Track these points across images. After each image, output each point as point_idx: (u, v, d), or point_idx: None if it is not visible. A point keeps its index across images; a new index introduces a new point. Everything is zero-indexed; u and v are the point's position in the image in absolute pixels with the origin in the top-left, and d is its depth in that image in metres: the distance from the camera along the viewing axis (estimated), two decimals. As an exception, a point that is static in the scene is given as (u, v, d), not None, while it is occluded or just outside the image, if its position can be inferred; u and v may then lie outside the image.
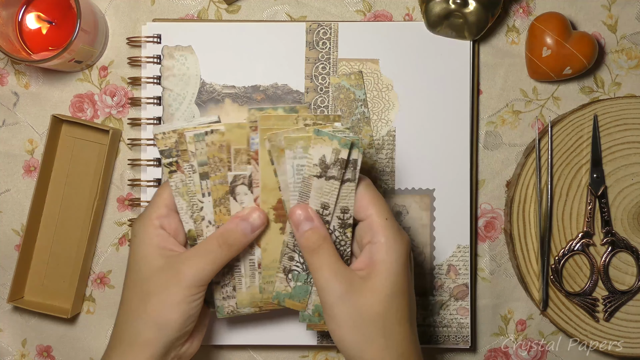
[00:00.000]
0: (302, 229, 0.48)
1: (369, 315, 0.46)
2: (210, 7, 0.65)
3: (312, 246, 0.47)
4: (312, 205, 0.48)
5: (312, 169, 0.47)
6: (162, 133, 0.49)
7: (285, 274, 0.51)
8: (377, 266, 0.47)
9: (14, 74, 0.65)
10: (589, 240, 0.63)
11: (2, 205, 0.65)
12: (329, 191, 0.48)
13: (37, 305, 0.64)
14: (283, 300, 0.51)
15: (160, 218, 0.50)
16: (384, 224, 0.47)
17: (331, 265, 0.47)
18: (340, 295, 0.46)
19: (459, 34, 0.62)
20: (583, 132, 0.63)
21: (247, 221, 0.49)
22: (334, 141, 0.46)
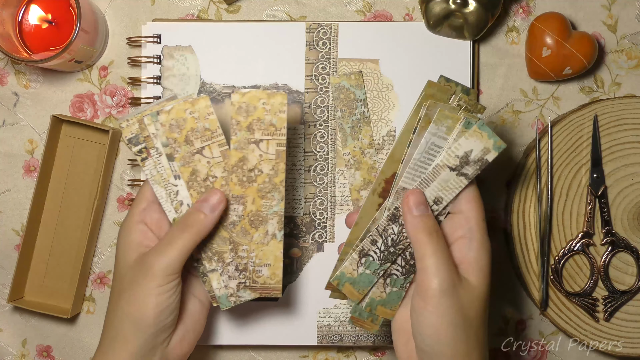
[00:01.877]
0: (419, 212, 0.47)
1: (470, 313, 0.46)
2: (210, 7, 0.65)
3: (429, 229, 0.47)
4: (428, 195, 0.47)
5: (452, 159, 0.46)
6: (126, 120, 0.49)
7: (360, 256, 0.49)
8: (473, 264, 0.47)
9: (14, 74, 0.65)
10: (589, 240, 0.63)
11: (2, 205, 0.66)
12: (452, 187, 0.47)
13: (37, 305, 0.64)
14: (343, 284, 0.49)
15: (140, 213, 0.51)
16: (482, 224, 0.47)
17: (445, 253, 0.46)
18: (448, 287, 0.45)
19: (459, 34, 0.62)
20: (583, 132, 0.63)
21: (207, 202, 0.49)
22: (491, 140, 0.45)
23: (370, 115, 0.62)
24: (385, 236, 0.48)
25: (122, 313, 0.49)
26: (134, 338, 0.48)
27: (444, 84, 0.46)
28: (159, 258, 0.48)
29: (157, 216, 0.51)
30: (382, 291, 0.50)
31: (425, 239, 0.46)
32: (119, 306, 0.49)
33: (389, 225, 0.48)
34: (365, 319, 0.50)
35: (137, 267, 0.49)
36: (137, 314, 0.48)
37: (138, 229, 0.51)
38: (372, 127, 0.62)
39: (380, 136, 0.62)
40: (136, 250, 0.50)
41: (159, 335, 0.49)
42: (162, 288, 0.48)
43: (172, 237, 0.49)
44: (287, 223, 0.62)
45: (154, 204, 0.51)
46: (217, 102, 0.63)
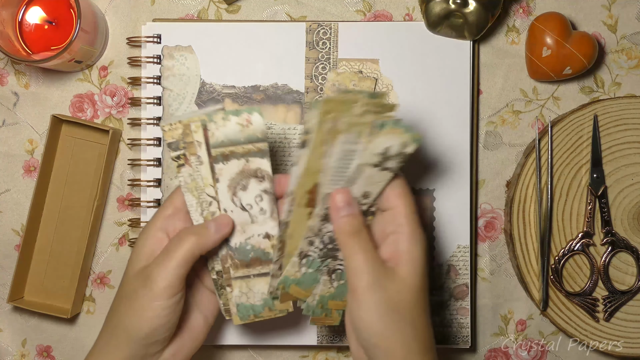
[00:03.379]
0: (344, 212, 0.48)
1: (401, 304, 0.46)
2: (210, 7, 0.65)
3: (351, 230, 0.47)
4: (355, 191, 0.48)
5: (372, 157, 0.46)
6: (170, 124, 0.48)
7: (300, 258, 0.50)
8: (403, 256, 0.47)
9: (14, 74, 0.65)
10: (589, 240, 0.63)
11: (2, 205, 0.66)
12: (377, 181, 0.47)
13: (37, 305, 0.64)
14: (289, 286, 0.50)
15: (165, 219, 0.50)
16: (411, 217, 0.48)
17: (367, 251, 0.47)
18: (374, 282, 0.46)
19: (459, 34, 0.62)
20: (583, 132, 0.63)
21: (214, 221, 0.49)
22: (408, 134, 0.46)
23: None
24: (321, 235, 0.49)
25: (118, 320, 0.49)
26: (126, 346, 0.48)
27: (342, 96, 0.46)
28: (160, 270, 0.47)
29: (180, 226, 0.50)
30: (329, 287, 0.51)
31: (349, 240, 0.47)
32: (118, 312, 0.49)
33: (323, 225, 0.49)
34: (320, 315, 0.52)
35: (139, 277, 0.48)
36: (130, 325, 0.48)
37: (157, 236, 0.50)
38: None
39: (380, 136, 0.62)
40: (146, 258, 0.49)
41: (152, 347, 0.49)
42: (161, 303, 0.47)
43: (171, 249, 0.48)
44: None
45: (180, 212, 0.50)
46: (217, 102, 0.63)
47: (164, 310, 0.47)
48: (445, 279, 0.63)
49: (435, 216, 0.63)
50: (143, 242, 0.50)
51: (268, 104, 0.63)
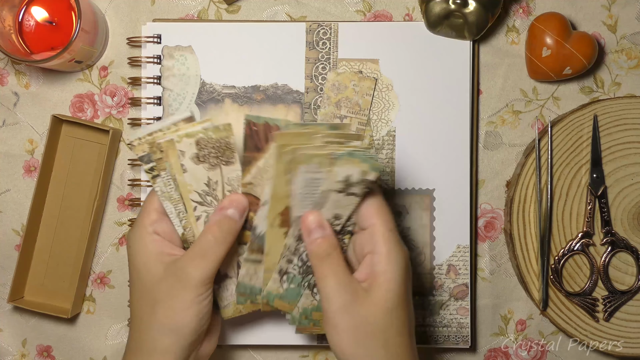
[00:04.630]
0: (314, 236, 0.48)
1: (371, 327, 0.46)
2: (210, 7, 0.65)
3: (322, 254, 0.47)
4: (326, 214, 0.48)
5: (335, 184, 0.46)
6: (138, 139, 0.49)
7: (280, 275, 0.51)
8: (378, 277, 0.46)
9: (14, 74, 0.65)
10: (589, 240, 0.63)
11: (2, 205, 0.66)
12: (346, 204, 0.47)
13: (37, 305, 0.64)
14: (272, 300, 0.51)
15: (152, 224, 0.50)
16: (387, 235, 0.47)
17: (338, 274, 0.47)
18: (344, 306, 0.46)
19: (459, 34, 0.62)
20: (583, 132, 0.63)
21: (232, 207, 0.49)
22: (366, 164, 0.46)
23: (370, 115, 0.62)
24: (298, 254, 0.50)
25: (160, 325, 0.48)
26: (175, 348, 0.48)
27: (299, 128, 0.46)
28: (197, 270, 0.48)
29: (168, 228, 0.50)
30: (312, 300, 0.51)
31: (320, 263, 0.47)
32: (156, 319, 0.48)
33: (299, 245, 0.50)
34: (307, 325, 0.52)
35: (171, 278, 0.48)
36: (177, 325, 0.48)
37: (154, 239, 0.50)
38: (372, 127, 0.62)
39: (380, 136, 0.62)
40: (159, 260, 0.49)
41: (197, 341, 0.50)
42: (200, 297, 0.48)
43: (208, 248, 0.48)
44: (287, 223, 0.62)
45: (164, 216, 0.50)
46: (217, 102, 0.63)
47: (203, 301, 0.48)
48: (445, 279, 0.63)
49: (435, 216, 0.63)
50: (143, 247, 0.50)
51: (268, 104, 0.63)
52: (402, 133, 0.63)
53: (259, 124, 0.48)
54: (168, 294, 0.48)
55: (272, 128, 0.48)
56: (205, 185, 0.50)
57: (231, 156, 0.50)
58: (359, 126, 0.59)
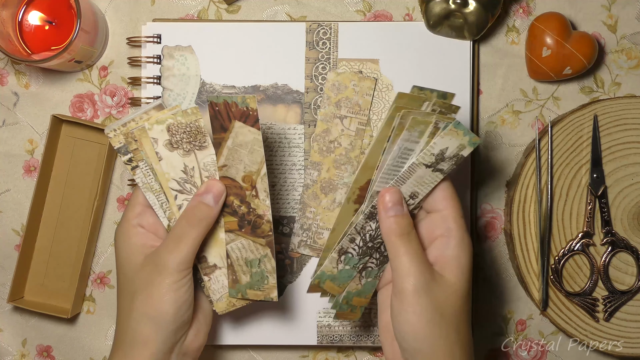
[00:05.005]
0: (392, 212, 0.47)
1: (448, 310, 0.46)
2: (210, 7, 0.65)
3: (402, 231, 0.47)
4: (404, 191, 0.48)
5: (427, 157, 0.46)
6: (113, 130, 0.49)
7: (339, 255, 0.50)
8: (451, 262, 0.47)
9: (14, 74, 0.65)
10: (589, 240, 0.63)
11: (2, 205, 0.66)
12: (428, 182, 0.47)
13: (37, 305, 0.64)
14: (324, 282, 0.50)
15: (136, 217, 0.51)
16: (460, 222, 0.47)
17: (418, 253, 0.47)
18: (423, 286, 0.46)
19: (459, 34, 0.62)
20: (583, 132, 0.63)
21: (209, 193, 0.49)
22: (467, 137, 0.46)
23: (370, 115, 0.62)
24: (363, 233, 0.49)
25: (139, 314, 0.49)
26: (154, 338, 0.48)
27: (417, 92, 0.47)
28: (172, 255, 0.48)
29: (153, 220, 0.51)
30: (357, 284, 0.51)
31: (398, 240, 0.47)
32: (134, 308, 0.49)
33: (366, 223, 0.49)
34: (345, 311, 0.52)
35: (148, 267, 0.49)
36: (155, 312, 0.48)
37: (137, 232, 0.51)
38: (372, 127, 0.62)
39: (380, 136, 0.62)
40: (141, 252, 0.50)
41: (178, 332, 0.50)
42: (178, 284, 0.48)
43: (182, 233, 0.49)
44: (287, 223, 0.62)
45: (148, 208, 0.51)
46: (217, 102, 0.63)
47: (182, 288, 0.48)
48: (445, 279, 0.63)
49: (435, 216, 0.63)
50: (127, 240, 0.51)
51: (268, 104, 0.63)
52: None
53: (219, 103, 0.48)
54: (145, 282, 0.49)
55: (231, 105, 0.48)
56: (182, 173, 0.50)
57: (203, 140, 0.50)
58: (359, 126, 0.59)
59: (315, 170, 0.60)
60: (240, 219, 0.50)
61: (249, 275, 0.51)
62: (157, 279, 0.48)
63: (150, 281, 0.48)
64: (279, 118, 0.62)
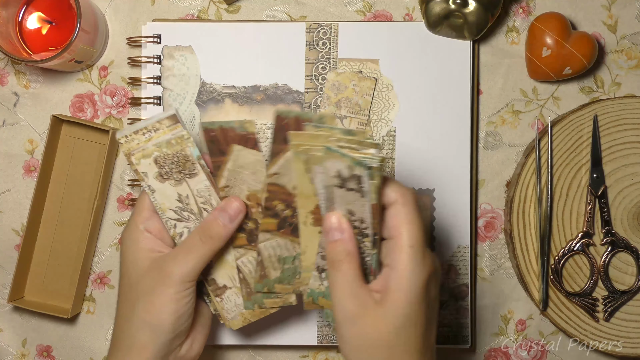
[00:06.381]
0: (331, 238, 0.47)
1: (376, 342, 0.45)
2: (210, 7, 0.65)
3: (334, 258, 0.46)
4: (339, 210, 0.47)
5: (331, 179, 0.46)
6: (125, 137, 0.49)
7: (319, 272, 0.50)
8: (390, 294, 0.45)
9: (14, 74, 0.65)
10: (589, 240, 0.63)
11: (2, 205, 0.66)
12: (351, 200, 0.47)
13: (37, 305, 0.64)
14: (317, 299, 0.51)
15: (144, 222, 0.50)
16: (408, 251, 0.45)
17: (348, 283, 0.46)
18: (351, 317, 0.45)
19: (459, 34, 0.62)
20: (583, 132, 0.63)
21: (225, 212, 0.49)
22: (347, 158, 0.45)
23: (370, 115, 0.62)
24: None
25: (139, 320, 0.48)
26: (151, 345, 0.48)
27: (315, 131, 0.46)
28: (179, 266, 0.48)
29: (160, 226, 0.51)
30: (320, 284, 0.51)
31: (331, 269, 0.46)
32: (135, 314, 0.49)
33: None
34: None
35: (153, 274, 0.49)
36: (155, 321, 0.48)
37: (145, 237, 0.50)
38: (372, 127, 0.62)
39: (380, 136, 0.62)
40: (148, 256, 0.50)
41: (175, 342, 0.50)
42: (180, 294, 0.48)
43: (192, 246, 0.49)
44: (287, 223, 0.62)
45: (155, 214, 0.51)
46: (217, 102, 0.63)
47: (183, 300, 0.48)
48: (445, 279, 0.63)
49: (435, 216, 0.63)
50: (134, 243, 0.50)
51: (268, 104, 0.63)
52: (402, 133, 0.63)
53: (215, 129, 0.48)
54: (149, 289, 0.48)
55: (228, 130, 0.48)
56: (177, 202, 0.50)
57: (193, 168, 0.50)
58: (359, 126, 0.59)
59: None
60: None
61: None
62: (160, 288, 0.48)
63: (154, 289, 0.48)
64: (279, 118, 0.62)
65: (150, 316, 0.48)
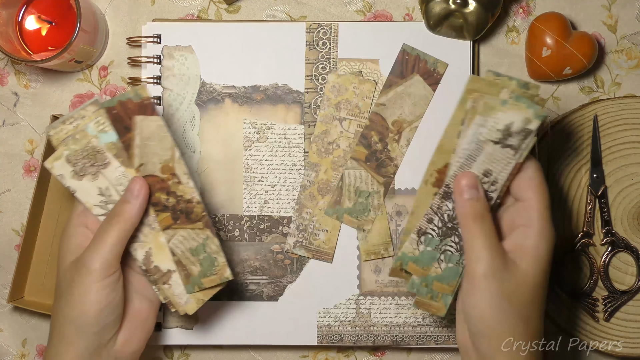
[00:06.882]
0: (467, 196, 0.47)
1: (517, 298, 0.45)
2: (210, 7, 0.65)
3: (476, 214, 0.47)
4: (475, 169, 0.47)
5: (494, 133, 0.46)
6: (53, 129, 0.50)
7: (418, 235, 0.49)
8: (529, 252, 0.46)
9: (14, 74, 0.65)
10: (589, 240, 0.63)
11: (2, 205, 0.66)
12: (500, 159, 0.47)
13: (37, 305, 0.64)
14: (406, 263, 0.50)
15: (79, 215, 0.51)
16: (543, 212, 0.47)
17: (491, 237, 0.46)
18: (495, 270, 0.45)
19: (459, 34, 0.62)
20: (583, 132, 0.63)
21: (129, 190, 0.49)
22: (530, 110, 0.45)
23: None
24: (440, 213, 0.49)
25: (63, 315, 0.49)
26: (77, 339, 0.48)
27: (493, 78, 0.46)
28: (93, 254, 0.48)
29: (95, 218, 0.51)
30: (437, 267, 0.50)
31: (471, 223, 0.47)
32: (59, 309, 0.49)
33: (442, 203, 0.49)
34: (425, 296, 0.50)
35: (73, 267, 0.49)
36: (76, 313, 0.48)
37: (78, 232, 0.50)
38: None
39: (380, 136, 0.62)
40: (75, 252, 0.50)
41: (103, 335, 0.49)
42: (100, 284, 0.48)
43: (104, 232, 0.49)
44: (287, 224, 0.62)
45: None
46: (217, 102, 0.63)
47: (103, 290, 0.48)
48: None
49: (435, 216, 0.63)
50: (67, 239, 0.50)
51: (268, 104, 0.63)
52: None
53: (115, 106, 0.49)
54: (68, 283, 0.49)
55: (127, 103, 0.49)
56: (100, 196, 0.50)
57: (104, 158, 0.50)
58: (358, 128, 0.60)
59: (313, 171, 0.60)
60: (173, 211, 0.50)
61: (198, 264, 0.51)
62: (79, 279, 0.48)
63: (72, 282, 0.48)
64: (279, 118, 0.63)
65: (72, 310, 0.48)
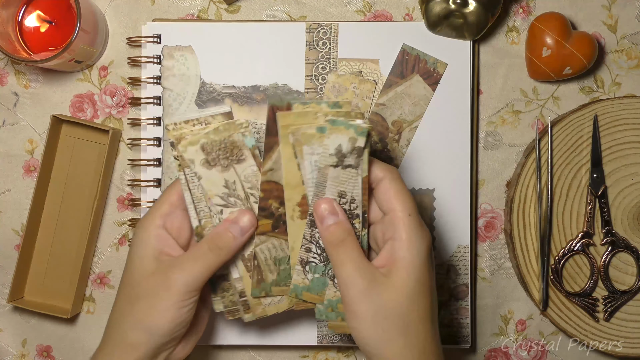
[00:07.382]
0: (327, 223, 0.47)
1: (391, 312, 0.45)
2: (210, 7, 0.65)
3: (335, 240, 0.47)
4: (329, 194, 0.47)
5: (328, 158, 0.46)
6: (174, 124, 0.48)
7: (302, 266, 0.50)
8: (398, 263, 0.46)
9: (14, 74, 0.65)
10: (589, 240, 0.63)
11: (2, 205, 0.66)
12: (346, 179, 0.47)
13: (37, 305, 0.64)
14: (301, 294, 0.50)
15: (162, 217, 0.49)
16: (407, 220, 0.46)
17: (354, 259, 0.46)
18: (362, 291, 0.45)
19: (459, 34, 0.62)
20: (583, 132, 0.63)
21: (237, 224, 0.49)
22: (350, 130, 0.45)
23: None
24: (314, 241, 0.49)
25: (136, 320, 0.48)
26: (144, 345, 0.48)
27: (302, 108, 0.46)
28: (184, 275, 0.47)
29: (179, 223, 0.50)
30: (335, 291, 0.50)
31: (335, 250, 0.47)
32: (132, 313, 0.48)
33: (313, 231, 0.49)
34: (335, 320, 0.51)
35: (158, 278, 0.48)
36: (152, 324, 0.48)
37: (158, 234, 0.49)
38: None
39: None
40: (155, 258, 0.49)
41: (168, 344, 0.49)
42: (183, 303, 0.48)
43: (199, 255, 0.48)
44: (287, 223, 0.62)
45: (177, 209, 0.50)
46: (217, 102, 0.63)
47: (184, 308, 0.48)
48: (445, 279, 0.63)
49: (435, 216, 0.63)
50: (145, 241, 0.49)
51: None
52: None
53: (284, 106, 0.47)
54: (151, 292, 0.48)
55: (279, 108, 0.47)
56: (224, 188, 0.49)
57: (240, 153, 0.49)
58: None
59: None
60: (276, 220, 0.50)
61: (276, 273, 0.51)
62: (163, 294, 0.47)
63: (156, 292, 0.48)
64: (279, 118, 0.62)
65: (148, 320, 0.48)
